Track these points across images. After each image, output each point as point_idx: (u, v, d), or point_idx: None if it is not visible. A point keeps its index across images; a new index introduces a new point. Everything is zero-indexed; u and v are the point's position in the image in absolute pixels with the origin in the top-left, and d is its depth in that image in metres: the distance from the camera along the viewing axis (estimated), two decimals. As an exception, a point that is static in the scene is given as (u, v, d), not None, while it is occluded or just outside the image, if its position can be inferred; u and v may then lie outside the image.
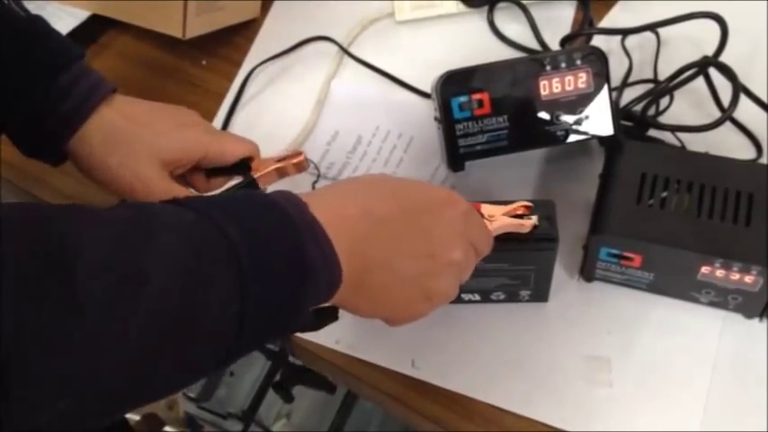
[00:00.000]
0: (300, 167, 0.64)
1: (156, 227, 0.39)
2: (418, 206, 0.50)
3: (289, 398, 0.60)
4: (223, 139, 0.64)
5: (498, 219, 0.59)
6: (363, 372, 0.67)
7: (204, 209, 0.42)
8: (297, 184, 0.76)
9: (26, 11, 0.61)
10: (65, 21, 0.92)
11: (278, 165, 0.63)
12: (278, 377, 0.59)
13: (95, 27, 0.93)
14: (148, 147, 0.59)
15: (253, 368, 1.34)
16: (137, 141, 0.59)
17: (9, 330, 0.32)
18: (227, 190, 0.63)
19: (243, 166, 0.63)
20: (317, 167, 0.78)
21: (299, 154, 0.65)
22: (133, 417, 1.34)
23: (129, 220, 0.39)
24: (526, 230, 0.59)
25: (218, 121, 0.84)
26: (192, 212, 0.41)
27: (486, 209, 0.59)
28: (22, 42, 0.57)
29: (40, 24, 0.60)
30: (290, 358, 0.61)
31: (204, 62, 0.90)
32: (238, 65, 0.89)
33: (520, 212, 0.59)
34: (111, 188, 0.61)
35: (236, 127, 0.83)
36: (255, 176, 0.61)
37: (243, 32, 0.92)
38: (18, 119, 0.58)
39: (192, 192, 0.64)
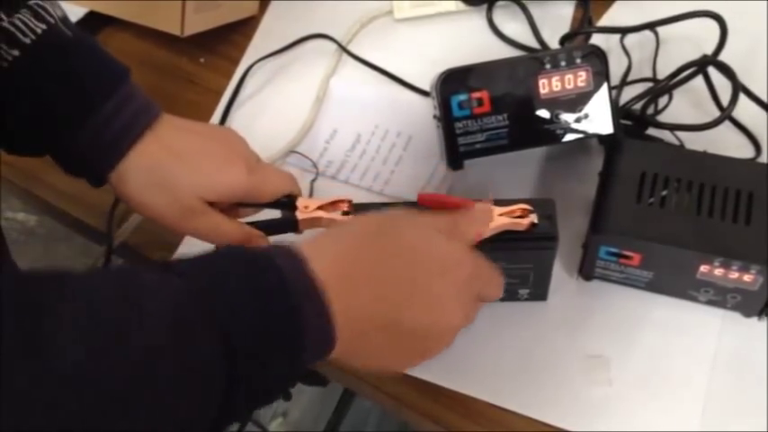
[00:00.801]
0: (345, 214, 0.61)
1: (140, 297, 0.38)
2: (426, 268, 0.49)
3: (287, 396, 0.60)
4: (264, 180, 0.61)
5: (494, 219, 0.59)
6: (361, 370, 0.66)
7: (193, 276, 0.41)
8: (297, 179, 0.76)
9: (73, 30, 0.57)
10: (62, 18, 0.92)
11: (322, 213, 0.60)
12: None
13: (93, 24, 0.92)
14: (189, 186, 0.57)
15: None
16: (177, 181, 0.57)
17: None
18: (268, 221, 0.61)
19: (283, 202, 0.62)
20: (315, 166, 0.78)
21: (345, 202, 0.61)
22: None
23: (112, 289, 0.38)
24: (523, 228, 0.59)
25: (215, 119, 0.83)
26: (178, 281, 0.40)
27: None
28: (66, 67, 0.55)
29: (84, 47, 0.58)
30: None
31: (202, 60, 0.90)
32: (237, 62, 0.88)
33: (518, 214, 0.59)
34: (148, 217, 0.59)
35: (235, 125, 0.83)
36: (299, 218, 0.60)
37: (241, 30, 0.91)
38: (59, 146, 0.57)
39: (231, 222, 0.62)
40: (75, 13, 0.91)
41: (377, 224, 0.52)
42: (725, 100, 0.71)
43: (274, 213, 0.64)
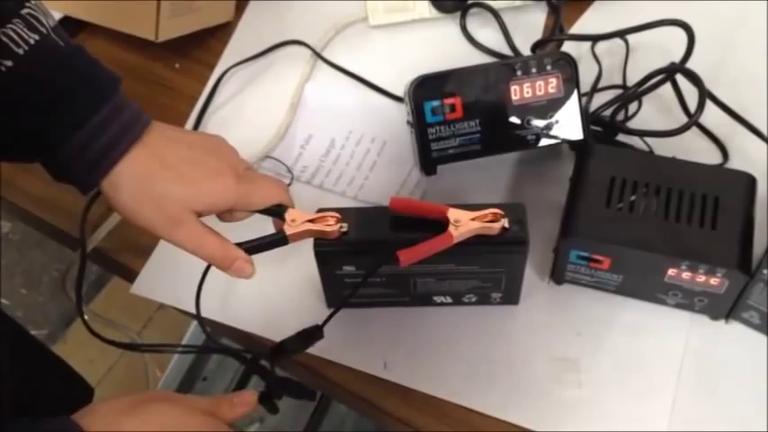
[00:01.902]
0: (332, 229, 0.61)
1: None
2: None
3: (274, 410, 0.61)
4: (253, 190, 0.61)
5: (465, 224, 0.59)
6: (335, 374, 0.67)
7: None
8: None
9: (65, 39, 0.58)
10: (36, 22, 0.91)
11: (310, 226, 0.61)
12: (264, 389, 0.60)
13: (67, 29, 0.91)
14: (176, 197, 0.57)
15: (225, 374, 1.34)
16: (165, 191, 0.57)
17: None
18: (257, 240, 0.62)
19: (275, 209, 0.62)
20: (290, 171, 0.78)
21: (333, 215, 0.62)
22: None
23: None
24: (494, 233, 0.60)
25: (189, 124, 0.84)
26: None
27: (453, 213, 0.60)
28: (57, 78, 0.55)
29: (76, 57, 0.58)
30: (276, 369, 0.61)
31: (177, 65, 0.90)
32: (212, 68, 0.88)
33: (489, 219, 0.60)
34: (137, 226, 0.59)
35: (209, 130, 0.83)
36: (288, 234, 0.61)
37: (216, 35, 0.91)
38: (49, 156, 0.56)
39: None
40: (48, 17, 0.91)
41: (138, 401, 0.55)
42: (692, 106, 0.72)
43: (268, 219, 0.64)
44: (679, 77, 0.73)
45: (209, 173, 0.59)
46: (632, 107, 0.77)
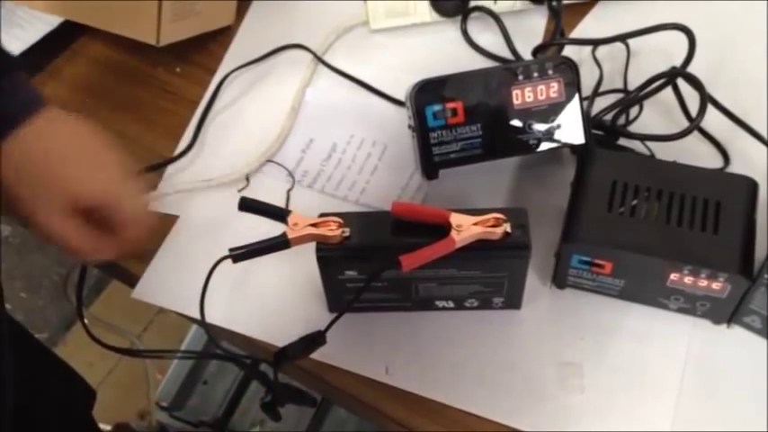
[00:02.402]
0: (334, 233, 0.61)
1: None
2: None
3: (278, 417, 0.61)
4: (124, 195, 0.61)
5: (467, 229, 0.59)
6: (337, 379, 0.67)
7: None
8: (272, 192, 0.77)
9: None
10: (36, 26, 0.91)
11: (312, 230, 0.61)
12: (267, 398, 0.60)
13: (68, 33, 0.92)
14: (59, 190, 0.58)
15: (226, 377, 1.34)
16: (49, 182, 0.57)
17: None
18: (259, 243, 0.61)
19: (280, 214, 0.63)
20: (291, 175, 0.78)
21: (335, 220, 0.62)
22: (105, 426, 1.33)
23: None
24: (496, 237, 0.60)
25: (190, 129, 0.83)
26: None
27: (455, 218, 0.60)
28: None
29: None
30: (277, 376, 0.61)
31: (178, 69, 0.90)
32: (212, 72, 0.88)
33: (491, 224, 0.60)
34: (12, 212, 0.59)
35: (210, 134, 0.83)
36: (289, 237, 0.61)
37: (217, 39, 0.91)
38: None
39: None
40: (50, 22, 0.91)
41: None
42: (693, 111, 0.72)
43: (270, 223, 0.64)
44: (680, 81, 0.73)
45: (91, 168, 0.60)
46: (633, 111, 0.77)
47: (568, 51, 0.80)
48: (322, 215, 0.62)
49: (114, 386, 1.53)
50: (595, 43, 0.82)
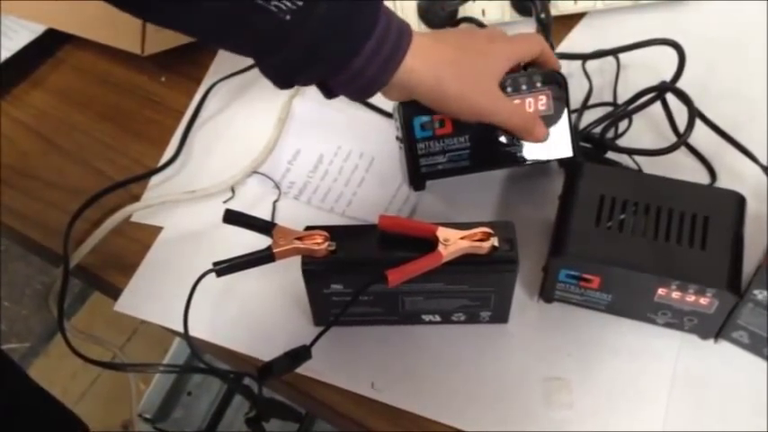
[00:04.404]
0: (320, 247, 0.60)
1: None
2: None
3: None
4: (521, 44, 0.70)
5: (454, 243, 0.59)
6: (322, 393, 0.66)
7: None
8: (259, 200, 0.76)
9: None
10: (21, 34, 0.91)
11: (298, 244, 0.60)
12: (251, 413, 0.59)
13: (52, 41, 0.91)
14: (488, 70, 0.66)
15: (210, 388, 1.33)
16: (474, 68, 0.65)
17: None
18: (244, 257, 0.61)
19: (265, 227, 0.62)
20: (278, 186, 0.78)
21: (321, 233, 0.61)
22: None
23: None
24: (484, 252, 0.60)
25: (176, 139, 0.83)
26: None
27: (442, 232, 0.59)
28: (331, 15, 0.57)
29: None
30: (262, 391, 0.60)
31: (163, 78, 0.89)
32: (199, 82, 0.88)
33: (479, 238, 0.60)
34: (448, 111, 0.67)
35: (196, 145, 0.82)
36: (275, 251, 0.60)
37: (203, 49, 0.91)
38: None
39: None
40: (34, 30, 0.90)
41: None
42: (682, 126, 0.72)
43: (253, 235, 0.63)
44: (669, 96, 0.73)
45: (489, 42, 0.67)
46: (622, 125, 0.77)
47: (557, 64, 0.80)
48: (308, 228, 0.61)
49: (97, 397, 1.51)
50: (585, 58, 0.82)
